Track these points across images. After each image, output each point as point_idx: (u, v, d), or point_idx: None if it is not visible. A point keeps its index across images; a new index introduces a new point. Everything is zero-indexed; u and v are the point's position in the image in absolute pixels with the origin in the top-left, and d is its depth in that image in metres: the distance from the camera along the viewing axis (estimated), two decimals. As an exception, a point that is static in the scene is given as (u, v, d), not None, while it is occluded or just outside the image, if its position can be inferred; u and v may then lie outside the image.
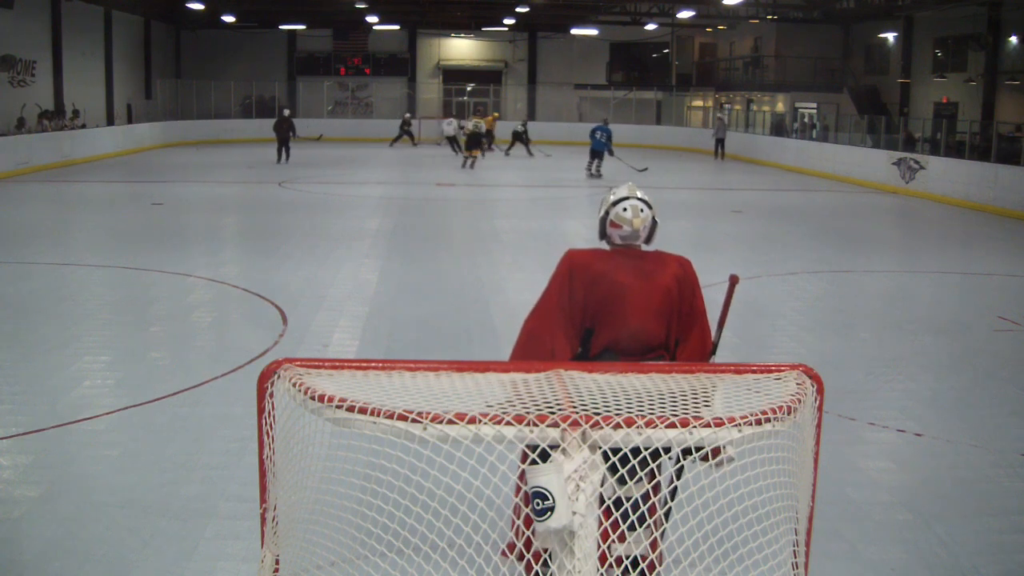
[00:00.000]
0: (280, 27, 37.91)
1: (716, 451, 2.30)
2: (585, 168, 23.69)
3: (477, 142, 25.14)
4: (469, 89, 40.36)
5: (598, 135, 23.30)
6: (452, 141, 29.58)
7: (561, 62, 40.21)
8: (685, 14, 31.96)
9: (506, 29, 38.64)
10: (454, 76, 40.40)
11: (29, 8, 25.67)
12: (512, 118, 39.43)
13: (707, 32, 39.60)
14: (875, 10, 30.93)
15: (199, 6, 31.43)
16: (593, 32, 37.73)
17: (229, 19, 34.87)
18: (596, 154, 23.30)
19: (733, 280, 3.59)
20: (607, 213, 3.60)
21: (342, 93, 39.76)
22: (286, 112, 26.08)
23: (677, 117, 38.83)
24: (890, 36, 32.38)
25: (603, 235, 3.65)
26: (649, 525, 2.20)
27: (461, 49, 41.07)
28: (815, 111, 32.67)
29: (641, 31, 37.40)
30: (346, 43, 39.40)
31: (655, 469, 2.03)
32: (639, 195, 3.60)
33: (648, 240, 3.64)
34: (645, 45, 40.86)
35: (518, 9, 32.79)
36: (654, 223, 3.62)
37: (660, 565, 2.26)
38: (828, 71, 34.04)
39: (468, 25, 38.18)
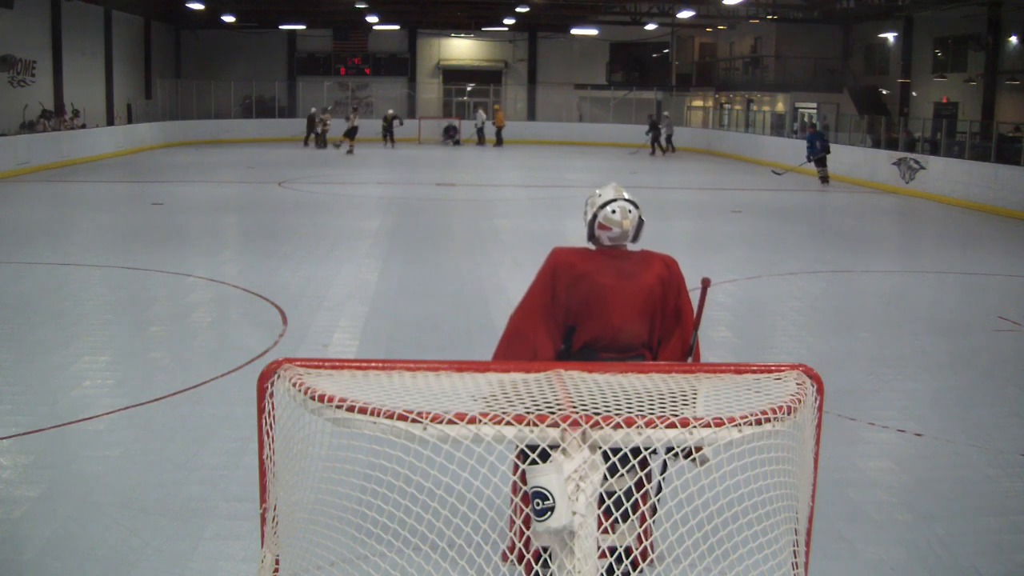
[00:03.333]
0: (280, 27, 37.89)
1: (698, 448, 2.31)
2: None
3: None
4: (469, 89, 40.33)
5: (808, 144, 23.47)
6: (479, 132, 34.42)
7: (561, 62, 40.18)
8: (685, 14, 31.93)
9: (506, 29, 38.62)
10: (454, 76, 40.38)
11: (29, 8, 25.66)
12: (513, 118, 39.42)
13: (707, 32, 39.58)
14: (875, 10, 30.91)
15: (199, 6, 31.44)
16: (593, 32, 37.71)
17: (229, 19, 34.89)
18: (816, 161, 23.31)
19: (705, 283, 3.59)
20: (595, 216, 3.61)
21: (342, 93, 39.74)
22: (313, 110, 33.29)
23: (677, 117, 38.84)
24: (890, 36, 32.37)
25: (591, 237, 3.67)
26: (635, 519, 2.20)
27: (461, 49, 41.05)
28: (815, 111, 32.66)
29: (641, 31, 37.37)
30: (346, 43, 39.41)
31: (641, 464, 2.02)
32: (626, 196, 3.63)
33: (635, 239, 3.67)
34: (645, 45, 40.83)
35: (518, 9, 32.77)
36: (641, 222, 3.65)
37: (644, 561, 2.27)
38: (828, 71, 34.01)
39: (468, 25, 38.17)
